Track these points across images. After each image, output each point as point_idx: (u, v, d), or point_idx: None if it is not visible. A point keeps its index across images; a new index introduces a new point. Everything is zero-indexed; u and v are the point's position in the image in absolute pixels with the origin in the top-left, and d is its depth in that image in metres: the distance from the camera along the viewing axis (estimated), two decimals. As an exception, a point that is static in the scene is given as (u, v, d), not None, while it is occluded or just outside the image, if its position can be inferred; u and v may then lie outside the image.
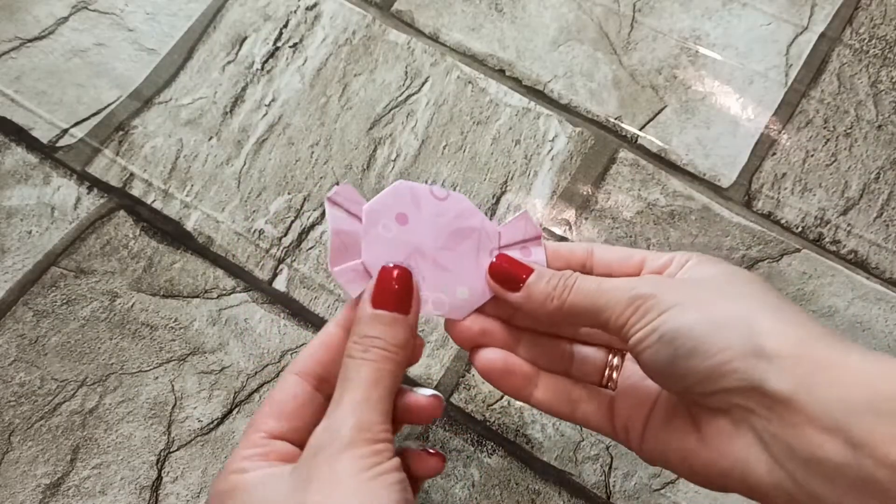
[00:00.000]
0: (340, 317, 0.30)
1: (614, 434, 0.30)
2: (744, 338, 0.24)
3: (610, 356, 0.32)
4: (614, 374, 0.32)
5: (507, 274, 0.31)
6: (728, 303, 0.26)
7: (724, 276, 0.27)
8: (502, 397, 0.44)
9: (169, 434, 0.43)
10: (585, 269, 0.31)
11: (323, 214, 0.48)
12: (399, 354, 0.28)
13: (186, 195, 0.48)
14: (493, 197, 0.48)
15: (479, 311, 0.32)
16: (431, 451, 0.30)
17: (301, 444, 0.28)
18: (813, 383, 0.23)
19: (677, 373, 0.26)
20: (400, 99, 0.51)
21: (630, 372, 0.31)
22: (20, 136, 0.49)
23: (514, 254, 0.33)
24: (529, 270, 0.30)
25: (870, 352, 0.24)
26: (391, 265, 0.30)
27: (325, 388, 0.29)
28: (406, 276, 0.29)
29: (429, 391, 0.30)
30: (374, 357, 0.27)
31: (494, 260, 0.32)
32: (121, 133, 0.49)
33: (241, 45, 0.52)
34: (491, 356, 0.31)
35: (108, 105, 0.50)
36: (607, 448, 0.43)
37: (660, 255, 0.30)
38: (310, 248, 0.47)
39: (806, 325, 0.25)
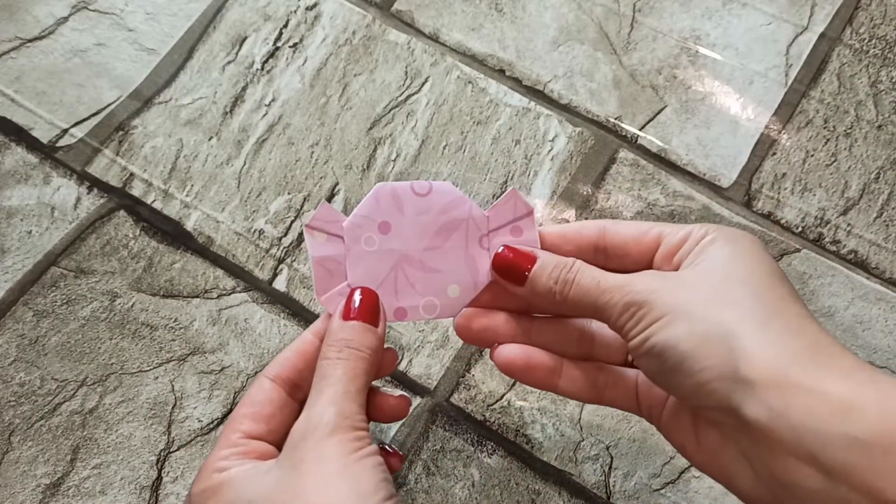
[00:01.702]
0: (316, 327, 0.31)
1: (640, 414, 0.31)
2: (724, 358, 0.24)
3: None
4: None
5: (510, 267, 0.31)
6: (718, 312, 0.25)
7: (727, 268, 0.27)
8: (502, 397, 0.44)
9: (169, 434, 0.43)
10: (598, 250, 0.31)
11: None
12: (371, 356, 0.29)
13: (186, 195, 0.48)
14: (493, 197, 0.48)
15: (487, 304, 0.32)
16: (391, 449, 0.31)
17: (278, 446, 0.28)
18: (788, 412, 0.23)
19: (668, 384, 0.27)
20: (400, 99, 0.51)
21: None
22: (20, 136, 0.49)
23: (505, 236, 0.32)
24: (533, 260, 0.30)
25: (853, 369, 0.24)
26: (357, 288, 0.31)
27: (297, 394, 0.30)
28: (371, 295, 0.31)
29: (397, 392, 0.31)
30: (348, 356, 0.29)
31: (487, 249, 0.32)
32: (121, 133, 0.49)
33: (241, 45, 0.52)
34: (510, 353, 0.31)
35: (108, 105, 0.50)
36: (607, 448, 0.43)
37: (676, 229, 0.29)
38: (310, 248, 0.47)
39: (792, 340, 0.24)
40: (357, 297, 0.30)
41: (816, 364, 0.24)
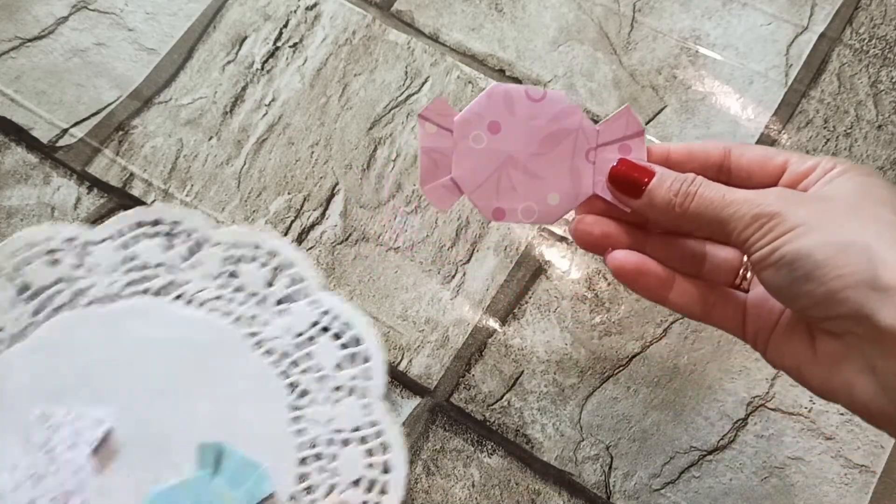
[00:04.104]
0: None
1: (744, 338, 0.31)
2: (862, 266, 0.24)
3: (745, 256, 0.31)
4: (748, 275, 0.31)
5: (628, 179, 0.30)
6: (854, 226, 0.25)
7: (860, 192, 0.27)
8: (502, 397, 0.44)
9: (169, 434, 0.43)
10: (721, 171, 0.31)
11: (324, 214, 0.48)
12: None
13: (186, 195, 0.48)
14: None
15: (602, 212, 0.32)
16: None
17: None
18: None
19: (794, 295, 0.26)
20: (400, 99, 0.51)
21: None
22: (20, 136, 0.49)
23: (613, 153, 0.32)
24: (651, 174, 0.30)
25: None
26: None
27: None
28: None
29: None
30: None
31: (592, 162, 0.31)
32: (121, 133, 0.49)
33: (241, 45, 0.52)
34: (624, 257, 0.31)
35: (108, 105, 0.50)
36: (607, 448, 0.43)
37: (804, 158, 0.29)
38: (310, 248, 0.47)
39: None
40: None
41: None
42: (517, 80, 0.51)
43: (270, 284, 0.45)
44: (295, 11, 0.53)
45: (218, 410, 0.41)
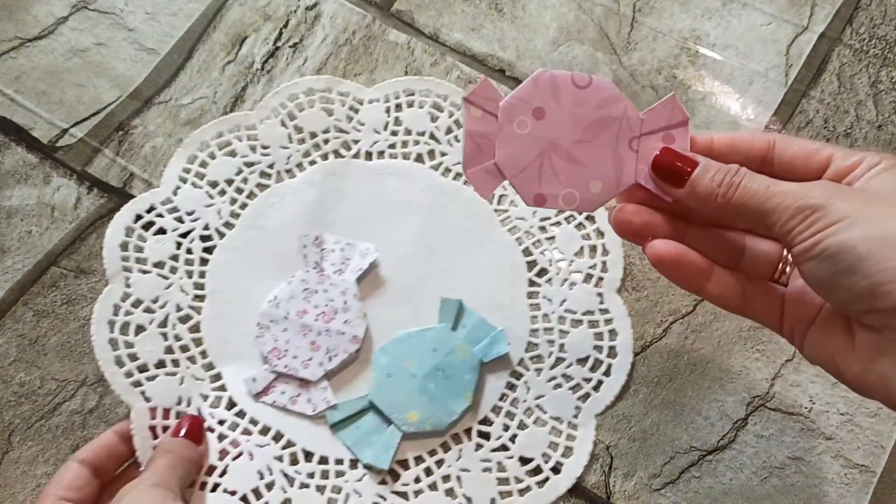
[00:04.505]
0: (118, 427, 0.40)
1: (781, 332, 0.31)
2: None
3: (785, 251, 0.31)
4: (787, 269, 0.31)
5: (671, 168, 0.30)
6: None
7: None
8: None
9: (169, 434, 0.43)
10: (765, 163, 0.31)
11: (323, 214, 0.48)
12: (189, 460, 0.38)
13: (186, 195, 0.48)
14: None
15: (643, 202, 0.32)
16: None
17: None
18: None
19: (835, 288, 0.26)
20: (400, 99, 0.51)
21: None
22: (20, 135, 0.49)
23: (657, 142, 0.32)
24: (694, 164, 0.30)
25: None
26: (186, 417, 0.40)
27: (100, 475, 0.38)
28: (196, 423, 0.40)
29: None
30: (172, 456, 0.38)
31: (635, 151, 0.32)
32: (121, 133, 0.49)
33: (241, 45, 0.52)
34: (663, 246, 0.31)
35: (108, 105, 0.50)
36: (607, 448, 0.43)
37: (849, 153, 0.29)
38: (310, 248, 0.47)
39: None
40: (185, 424, 0.40)
41: None
42: (517, 81, 0.51)
43: None
44: (295, 11, 0.53)
45: (463, 274, 0.45)
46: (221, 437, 0.41)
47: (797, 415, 0.43)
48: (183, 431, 0.39)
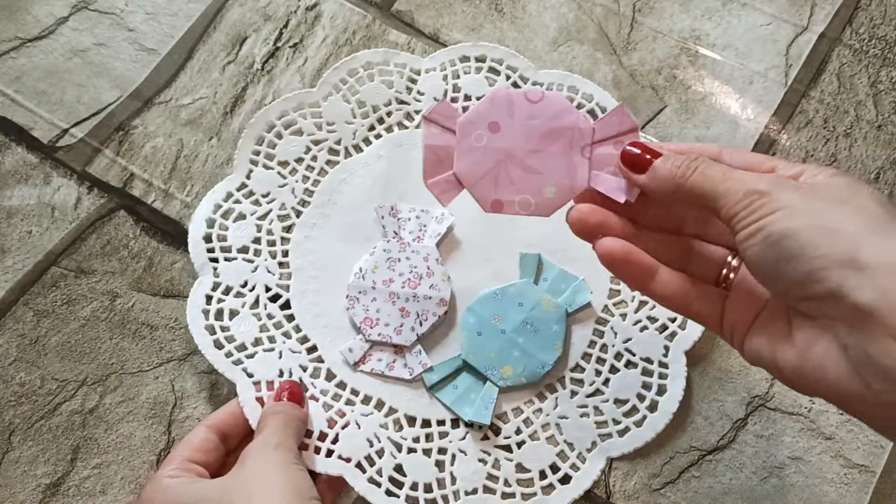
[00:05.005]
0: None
1: (720, 332, 0.32)
2: (842, 247, 0.25)
3: (730, 257, 0.32)
4: (731, 275, 0.32)
5: (637, 157, 0.32)
6: (840, 214, 0.26)
7: (847, 188, 0.28)
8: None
9: (169, 434, 0.43)
10: None
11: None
12: (298, 419, 0.39)
13: (187, 195, 0.48)
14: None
15: (600, 203, 0.33)
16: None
17: (214, 477, 0.37)
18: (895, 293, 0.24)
19: (776, 274, 0.27)
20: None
21: (746, 274, 0.31)
22: (20, 136, 0.49)
23: (608, 149, 0.34)
24: (658, 154, 0.32)
25: None
26: (286, 384, 0.41)
27: (226, 442, 0.39)
28: (296, 387, 0.41)
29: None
30: (283, 416, 0.39)
31: (588, 158, 0.34)
32: (121, 133, 0.49)
33: (241, 45, 0.52)
34: (613, 244, 0.32)
35: (109, 105, 0.50)
36: (607, 448, 0.43)
37: (792, 165, 0.30)
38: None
39: None
40: (286, 388, 0.40)
41: None
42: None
43: None
44: (295, 11, 0.53)
45: (537, 229, 0.46)
46: (327, 406, 0.42)
47: (797, 415, 0.43)
48: (285, 395, 0.40)
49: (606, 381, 0.43)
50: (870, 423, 0.27)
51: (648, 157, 0.32)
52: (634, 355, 0.44)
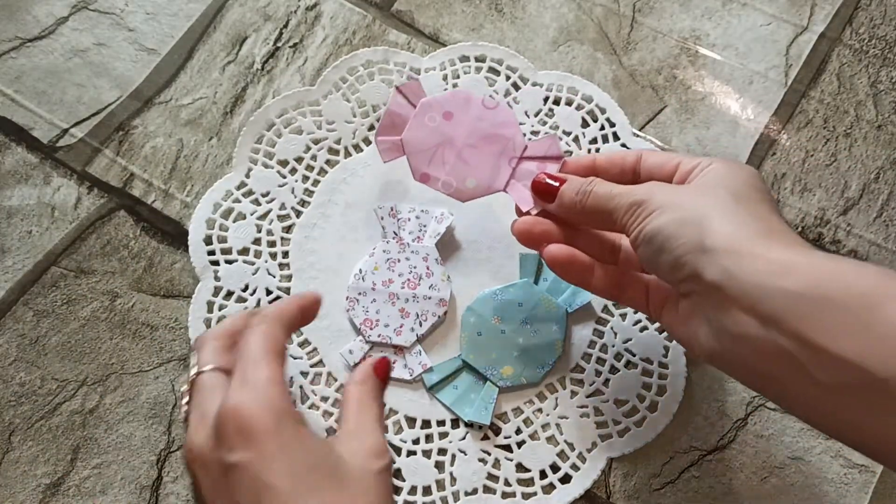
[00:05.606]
0: (302, 300, 0.34)
1: (648, 311, 0.36)
2: (695, 236, 0.30)
3: None
4: None
5: (545, 186, 0.37)
6: (699, 202, 0.31)
7: (714, 179, 0.32)
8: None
9: (169, 434, 0.43)
10: (635, 174, 0.37)
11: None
12: (380, 400, 0.34)
13: (187, 195, 0.48)
14: (493, 197, 0.48)
15: (543, 214, 0.37)
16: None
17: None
18: (738, 272, 0.28)
19: (656, 265, 0.32)
20: (400, 99, 0.51)
21: None
22: (20, 136, 0.49)
23: (532, 166, 0.39)
24: (562, 181, 0.37)
25: (797, 244, 0.29)
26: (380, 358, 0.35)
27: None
28: (385, 364, 0.35)
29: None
30: (370, 389, 0.33)
31: (512, 168, 0.39)
32: (121, 133, 0.49)
33: (241, 45, 0.52)
34: (556, 250, 0.36)
35: (109, 105, 0.50)
36: (607, 448, 0.43)
37: (692, 159, 0.35)
38: (310, 248, 0.47)
39: (753, 223, 0.30)
40: (380, 367, 0.34)
41: (768, 239, 0.29)
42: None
43: (585, 126, 0.49)
44: (295, 11, 0.53)
45: None
46: (327, 415, 0.42)
47: (797, 415, 0.43)
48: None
49: (606, 382, 0.43)
50: (731, 375, 0.31)
51: (557, 184, 0.36)
52: (634, 356, 0.44)
